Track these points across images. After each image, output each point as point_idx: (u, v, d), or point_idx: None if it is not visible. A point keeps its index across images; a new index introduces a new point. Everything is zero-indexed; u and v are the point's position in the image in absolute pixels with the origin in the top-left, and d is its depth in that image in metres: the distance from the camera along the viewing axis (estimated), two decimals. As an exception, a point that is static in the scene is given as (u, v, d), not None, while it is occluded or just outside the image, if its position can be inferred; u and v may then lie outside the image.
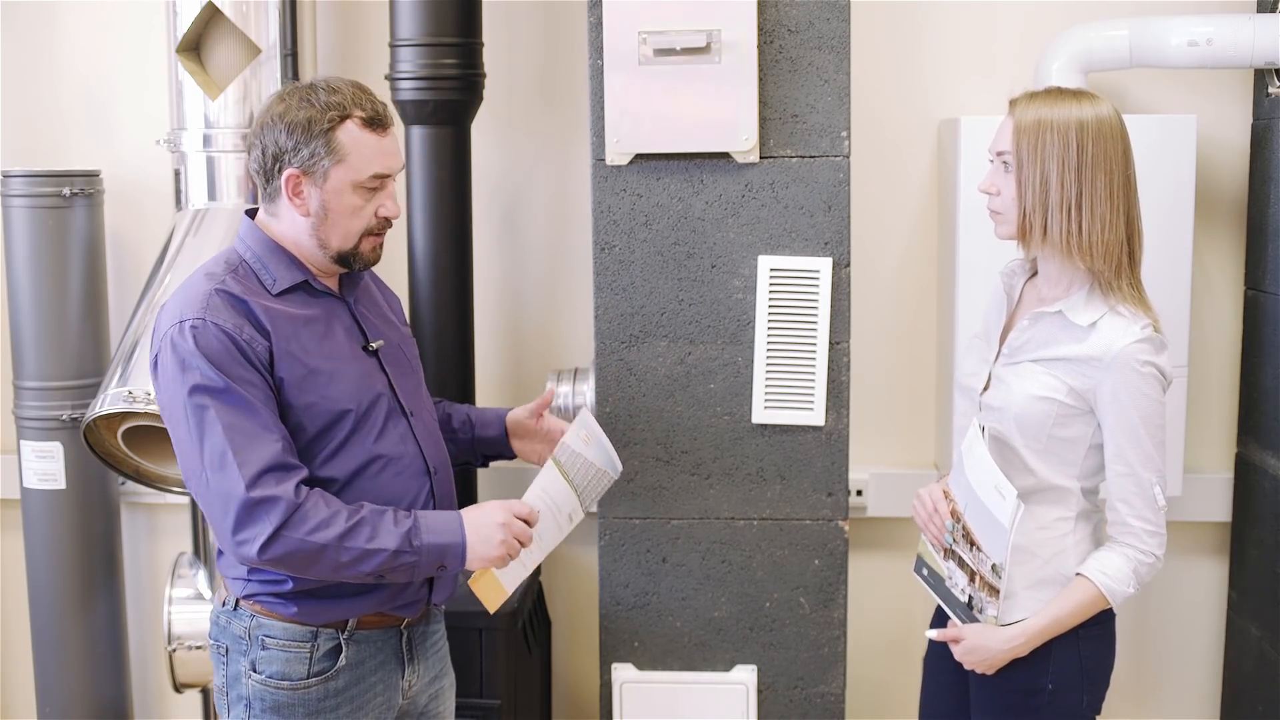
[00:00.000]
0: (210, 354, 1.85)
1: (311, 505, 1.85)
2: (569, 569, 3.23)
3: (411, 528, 1.90)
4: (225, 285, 1.91)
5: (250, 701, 1.99)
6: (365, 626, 2.02)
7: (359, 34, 3.11)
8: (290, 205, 1.95)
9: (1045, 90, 2.02)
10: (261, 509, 1.82)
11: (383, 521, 1.89)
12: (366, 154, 1.92)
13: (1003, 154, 2.01)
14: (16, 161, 3.18)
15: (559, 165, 3.12)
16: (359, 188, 1.93)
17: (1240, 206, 2.96)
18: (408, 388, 2.08)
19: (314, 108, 1.91)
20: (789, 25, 2.41)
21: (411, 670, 2.10)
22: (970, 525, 2.01)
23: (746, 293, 2.47)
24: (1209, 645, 3.12)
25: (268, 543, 1.82)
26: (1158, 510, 1.98)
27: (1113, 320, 1.96)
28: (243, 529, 1.83)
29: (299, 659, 1.97)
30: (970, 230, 2.75)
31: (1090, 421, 2.00)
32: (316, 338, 1.96)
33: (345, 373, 1.96)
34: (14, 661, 3.41)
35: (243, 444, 1.83)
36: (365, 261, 2.00)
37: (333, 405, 1.93)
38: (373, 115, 1.94)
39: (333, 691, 1.99)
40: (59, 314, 2.95)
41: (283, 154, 1.92)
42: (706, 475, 2.52)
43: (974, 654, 2.04)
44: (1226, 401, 3.02)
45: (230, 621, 2.01)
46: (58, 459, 2.98)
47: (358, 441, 1.96)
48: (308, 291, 1.99)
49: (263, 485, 1.82)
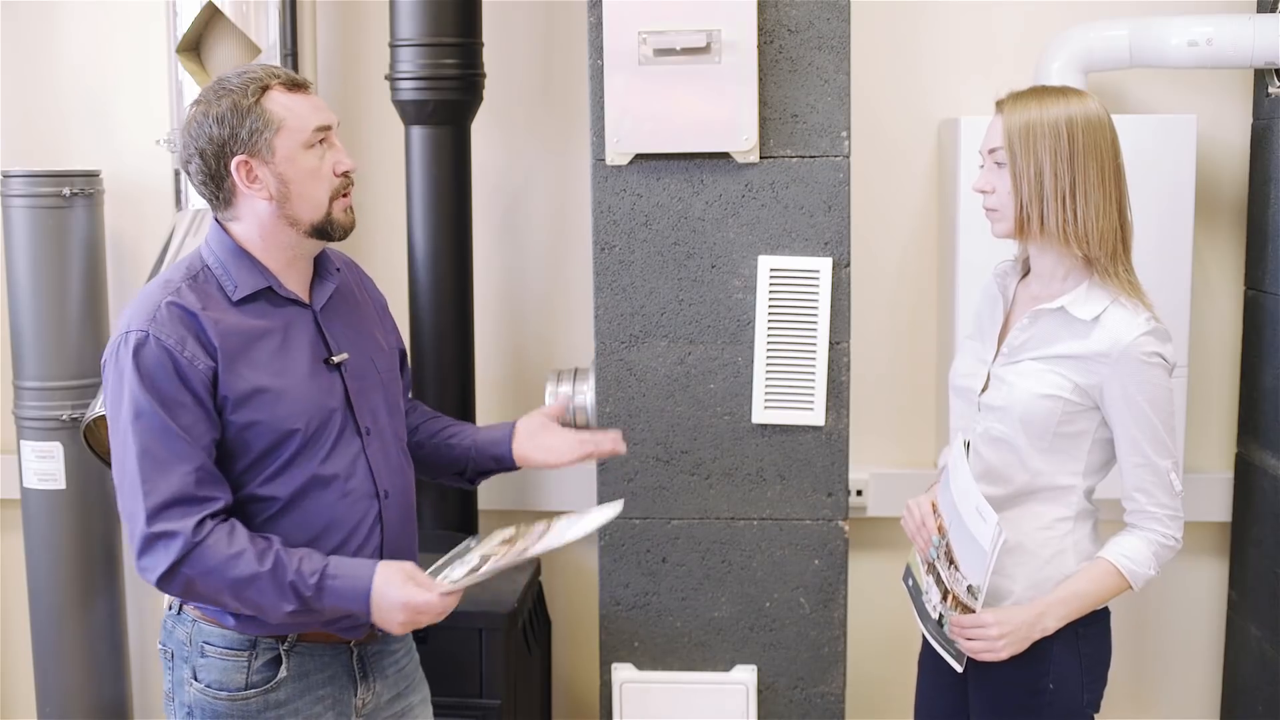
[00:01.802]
0: (146, 371, 1.82)
1: (211, 545, 1.80)
2: (569, 569, 3.23)
3: (314, 593, 1.83)
4: (179, 296, 1.85)
5: (192, 709, 1.94)
6: (309, 640, 1.96)
7: (359, 34, 3.11)
8: (249, 196, 1.89)
9: (1031, 88, 2.05)
10: (160, 543, 1.79)
11: (285, 577, 1.82)
12: (301, 112, 1.88)
13: (994, 152, 2.03)
14: (16, 161, 3.18)
15: (559, 165, 3.12)
16: (308, 147, 1.88)
17: (1240, 206, 2.96)
18: (369, 404, 2.00)
19: (233, 92, 1.87)
20: (789, 25, 2.41)
21: (366, 688, 2.02)
22: (952, 543, 2.01)
23: (746, 293, 2.47)
24: (1209, 645, 3.12)
25: (165, 576, 1.80)
26: (1175, 495, 2.00)
27: (1116, 313, 1.97)
28: (143, 557, 1.82)
29: (237, 668, 1.92)
30: (970, 230, 2.75)
31: (1094, 417, 2.00)
32: (270, 352, 1.90)
33: (296, 390, 1.90)
34: (14, 661, 3.41)
35: (151, 473, 1.80)
36: (343, 227, 1.93)
37: (279, 424, 1.87)
38: (289, 80, 1.90)
39: (273, 704, 1.93)
40: (59, 314, 2.95)
41: (223, 146, 1.86)
42: (706, 475, 2.52)
43: (1009, 635, 1.97)
44: (1226, 401, 3.02)
45: (175, 626, 1.97)
46: (58, 459, 2.98)
47: (303, 461, 1.90)
48: (270, 300, 1.92)
49: (164, 519, 1.79)
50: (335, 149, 1.92)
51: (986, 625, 1.98)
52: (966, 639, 2.01)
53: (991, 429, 2.04)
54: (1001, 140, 2.01)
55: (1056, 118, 1.97)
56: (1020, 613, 1.99)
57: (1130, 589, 2.00)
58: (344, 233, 1.94)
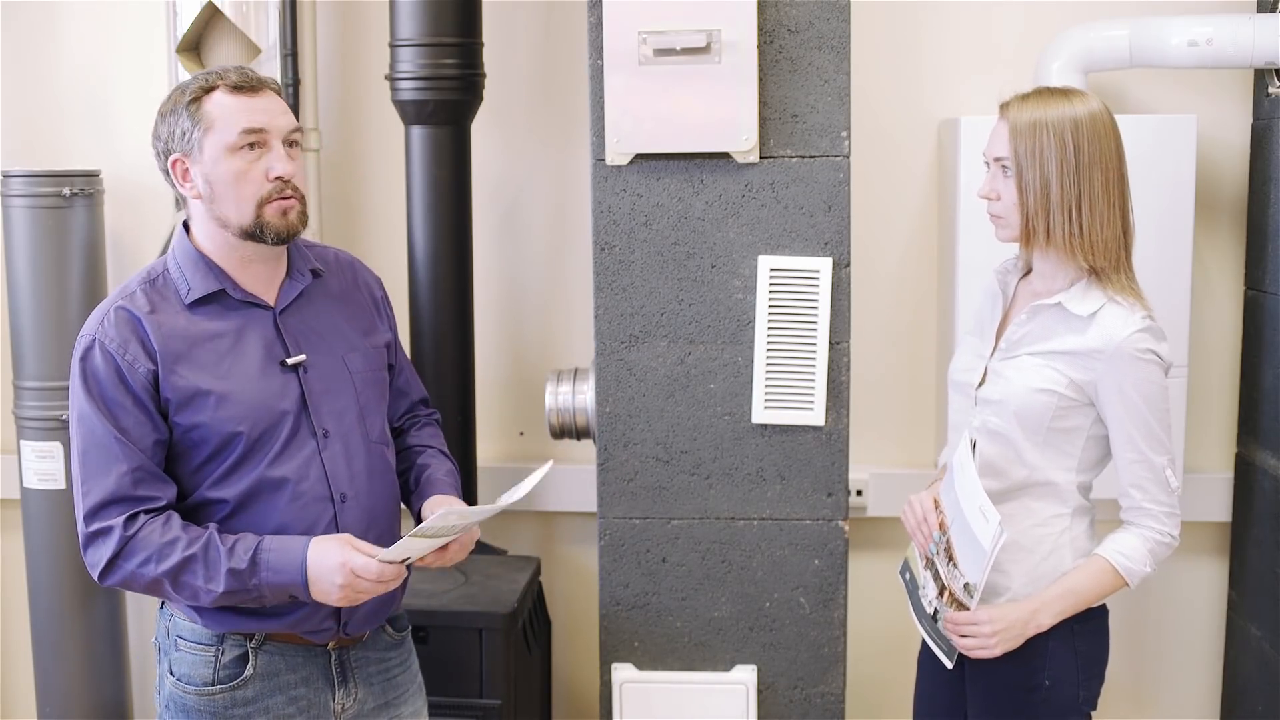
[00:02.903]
0: (90, 375, 1.87)
1: (144, 536, 1.84)
2: (569, 569, 3.23)
3: (248, 567, 1.83)
4: (129, 301, 1.89)
5: (169, 704, 1.97)
6: (279, 639, 1.96)
7: (359, 34, 3.11)
8: (187, 196, 1.92)
9: (1035, 91, 2.04)
10: (99, 539, 1.85)
11: (219, 557, 1.83)
12: (231, 115, 1.87)
13: (1000, 159, 2.02)
14: (16, 161, 3.18)
15: (559, 165, 3.12)
16: (233, 150, 1.86)
17: (1240, 206, 2.96)
18: (333, 406, 1.97)
19: (182, 92, 1.89)
20: (789, 25, 2.41)
21: (345, 693, 2.01)
22: (953, 540, 2.01)
23: (746, 293, 2.47)
24: (1209, 645, 3.12)
25: (105, 570, 1.86)
26: (1171, 492, 2.00)
27: (1112, 310, 1.98)
28: (86, 553, 1.88)
29: (204, 662, 1.94)
30: (970, 230, 2.75)
31: (1089, 413, 2.01)
32: (216, 355, 1.90)
33: (241, 393, 1.89)
34: (14, 661, 3.41)
35: (89, 474, 1.86)
36: (276, 231, 1.89)
37: (221, 427, 1.88)
38: (241, 81, 1.89)
39: (240, 701, 1.94)
40: (59, 314, 2.95)
41: (166, 144, 1.91)
42: (706, 475, 2.52)
43: (1002, 632, 1.98)
44: (1226, 401, 3.02)
45: (160, 621, 2.03)
46: (58, 459, 2.98)
47: (251, 464, 1.90)
48: (224, 303, 1.93)
49: (100, 517, 1.85)
50: (271, 152, 1.89)
51: (980, 622, 1.99)
52: (960, 635, 2.02)
53: (988, 423, 2.05)
54: (1007, 150, 2.00)
55: (1062, 127, 1.96)
56: (1014, 610, 1.99)
57: (1126, 586, 2.00)
58: (278, 237, 1.90)
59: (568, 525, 3.22)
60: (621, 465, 2.52)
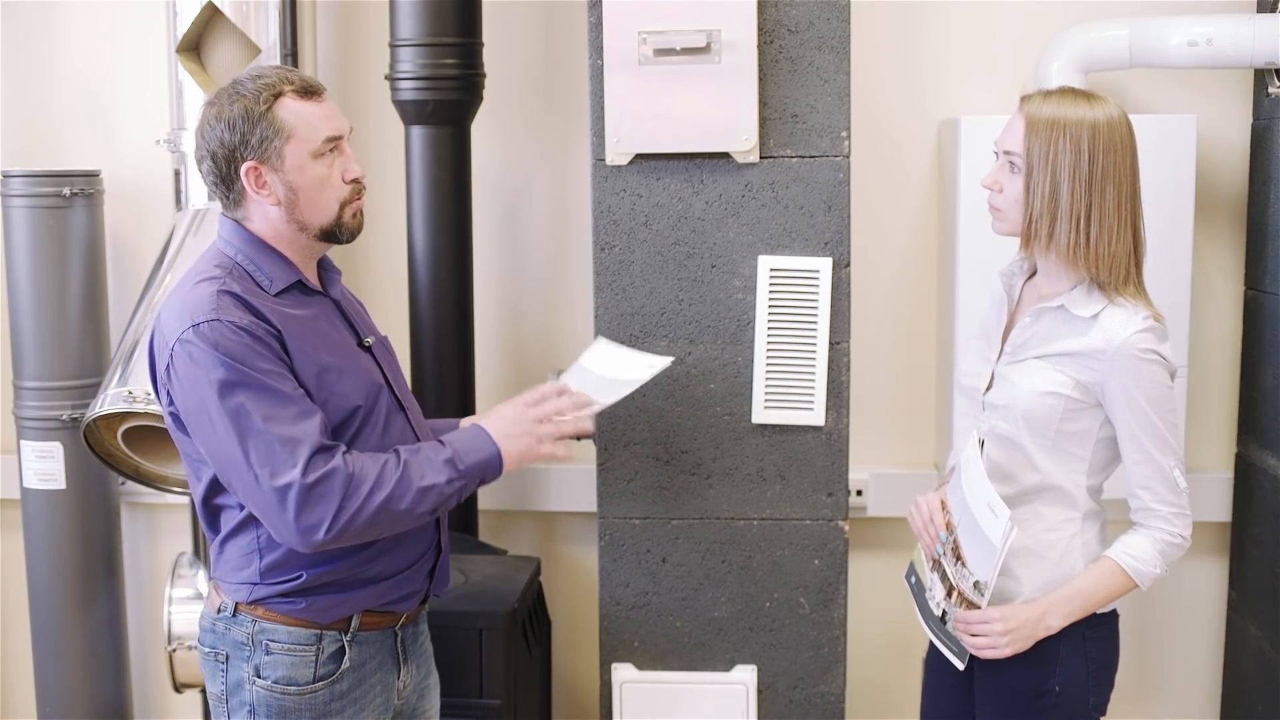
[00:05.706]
0: (230, 352, 1.83)
1: (360, 468, 1.86)
2: (569, 569, 3.23)
3: (452, 455, 1.93)
4: (227, 285, 1.89)
5: (254, 707, 1.98)
6: (366, 628, 2.02)
7: (359, 34, 3.11)
8: (258, 201, 1.93)
9: (1059, 90, 2.00)
10: (320, 488, 1.82)
11: (423, 459, 1.91)
12: (312, 122, 1.91)
13: (1010, 154, 1.99)
14: (16, 161, 3.19)
15: (559, 165, 3.12)
16: (317, 156, 1.92)
17: (1240, 206, 2.96)
18: (400, 383, 2.09)
19: (245, 97, 1.90)
20: (789, 25, 2.41)
21: (406, 671, 2.11)
22: (960, 539, 2.00)
23: (746, 293, 2.47)
24: (1209, 645, 3.12)
25: (334, 520, 1.83)
26: (1180, 492, 1.98)
27: (1114, 312, 1.96)
28: (305, 515, 1.82)
29: (304, 663, 1.97)
30: (970, 230, 2.75)
31: (1097, 415, 1.99)
32: (320, 335, 1.95)
33: (351, 369, 1.97)
34: (14, 661, 3.41)
35: (285, 434, 1.82)
36: (351, 231, 1.98)
37: (344, 402, 1.93)
38: (303, 86, 1.92)
39: (337, 694, 1.99)
40: (59, 314, 2.95)
41: (234, 151, 1.90)
42: (706, 475, 2.52)
43: (1013, 631, 1.97)
44: (1226, 401, 3.02)
45: (229, 628, 1.99)
46: (58, 459, 2.98)
47: (365, 438, 1.96)
48: (302, 291, 1.98)
49: (314, 467, 1.82)
50: (345, 155, 1.96)
51: (991, 621, 1.97)
52: (970, 635, 2.00)
53: (996, 427, 2.04)
54: (1019, 146, 1.96)
55: (1079, 132, 1.92)
56: (1025, 610, 1.98)
57: (1137, 588, 1.99)
58: (351, 236, 2.00)
59: (568, 525, 3.22)
60: (622, 465, 2.52)
